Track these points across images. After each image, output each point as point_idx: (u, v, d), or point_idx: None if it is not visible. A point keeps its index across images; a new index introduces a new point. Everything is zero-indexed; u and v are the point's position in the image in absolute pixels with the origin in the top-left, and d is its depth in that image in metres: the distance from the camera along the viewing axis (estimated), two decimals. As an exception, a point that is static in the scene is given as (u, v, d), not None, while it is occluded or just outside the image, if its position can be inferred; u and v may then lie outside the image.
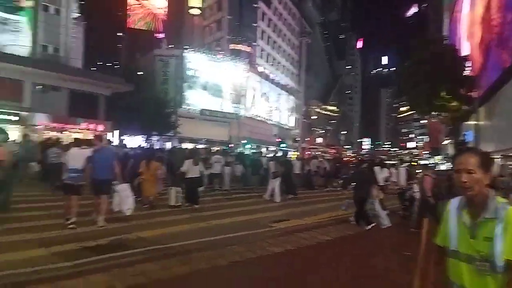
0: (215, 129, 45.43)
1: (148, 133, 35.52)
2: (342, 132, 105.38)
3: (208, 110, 45.20)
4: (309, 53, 73.73)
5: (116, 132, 33.08)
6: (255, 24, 54.73)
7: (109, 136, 26.28)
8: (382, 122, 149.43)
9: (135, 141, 36.14)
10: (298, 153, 46.81)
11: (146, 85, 36.49)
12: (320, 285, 4.73)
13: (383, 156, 76.81)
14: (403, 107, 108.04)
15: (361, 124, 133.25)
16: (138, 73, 39.60)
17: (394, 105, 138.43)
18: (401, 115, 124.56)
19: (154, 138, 37.24)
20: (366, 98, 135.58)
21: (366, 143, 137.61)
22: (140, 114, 32.33)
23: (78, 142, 8.02)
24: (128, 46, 64.36)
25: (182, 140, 40.70)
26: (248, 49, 53.54)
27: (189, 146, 35.92)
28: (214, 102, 46.24)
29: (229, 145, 41.63)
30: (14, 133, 23.36)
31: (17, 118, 24.48)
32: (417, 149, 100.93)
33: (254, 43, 54.77)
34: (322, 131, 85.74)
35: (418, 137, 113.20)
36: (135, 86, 31.03)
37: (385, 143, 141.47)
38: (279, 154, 20.94)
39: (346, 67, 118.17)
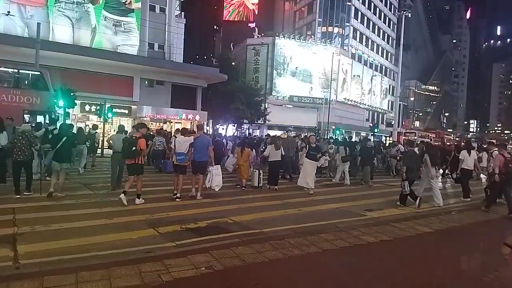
0: (304, 115, 45.26)
1: (239, 121, 36.96)
2: (445, 114, 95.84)
3: (297, 96, 45.14)
4: (409, 29, 68.04)
5: (211, 122, 35.18)
6: (348, 3, 52.45)
7: (205, 125, 28.20)
8: (494, 101, 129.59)
9: (228, 129, 38.08)
10: (391, 138, 44.13)
11: (238, 75, 37.90)
12: (419, 280, 4.52)
13: (492, 140, 68.09)
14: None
15: (468, 105, 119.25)
16: (232, 63, 41.29)
17: (510, 82, 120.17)
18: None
19: (245, 126, 38.59)
20: (475, 75, 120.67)
21: (473, 126, 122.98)
22: (232, 103, 33.75)
23: (183, 131, 9.80)
24: (223, 38, 67.30)
25: (271, 127, 41.50)
26: (339, 30, 51.72)
27: (278, 133, 36.59)
28: (303, 87, 45.96)
29: (318, 131, 41.15)
30: (126, 125, 26.61)
31: (127, 111, 27.64)
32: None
33: (347, 24, 52.67)
34: (420, 114, 79.22)
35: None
36: (229, 76, 32.40)
37: (498, 125, 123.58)
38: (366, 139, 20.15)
39: (453, 41, 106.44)
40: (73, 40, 27.14)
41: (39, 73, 17.03)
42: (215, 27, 76.84)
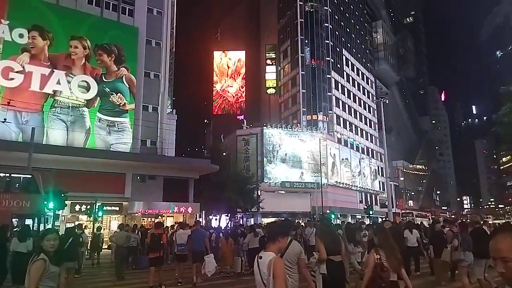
0: (297, 200, 45.19)
1: (232, 211, 36.59)
2: (437, 192, 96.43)
3: (289, 181, 45.58)
4: (389, 113, 72.20)
5: (203, 213, 34.75)
6: (329, 94, 56.24)
7: (197, 216, 27.84)
8: (482, 176, 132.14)
9: (221, 220, 37.46)
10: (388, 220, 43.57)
11: (230, 164, 38.59)
12: None
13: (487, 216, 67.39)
14: (504, 157, 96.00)
15: (458, 181, 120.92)
16: (223, 154, 42.34)
17: (494, 156, 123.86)
18: (504, 166, 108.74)
19: (238, 215, 38.09)
20: (459, 152, 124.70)
21: (466, 202, 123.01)
22: (224, 193, 33.78)
23: (182, 225, 11.95)
24: (213, 130, 70.06)
25: (265, 214, 41.01)
26: (324, 118, 54.51)
27: (272, 220, 35.91)
28: (294, 173, 46.65)
29: (313, 216, 40.66)
30: (115, 223, 26.13)
31: (117, 208, 27.37)
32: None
33: (330, 111, 55.75)
34: (412, 193, 79.63)
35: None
36: (220, 166, 32.99)
37: (491, 200, 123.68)
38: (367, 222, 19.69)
39: (432, 122, 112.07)
40: (67, 142, 27.98)
41: (30, 176, 17.25)
42: (205, 120, 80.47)
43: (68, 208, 23.16)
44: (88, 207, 23.91)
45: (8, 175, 17.17)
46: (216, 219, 39.04)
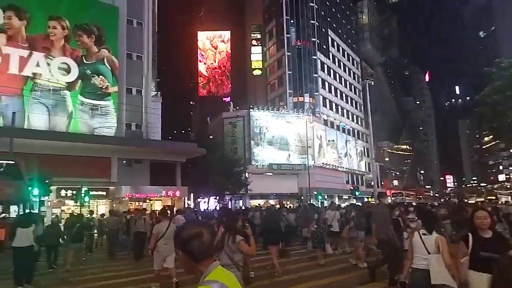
0: (285, 182, 45.53)
1: (220, 193, 36.66)
2: (421, 172, 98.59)
3: (276, 164, 45.79)
4: (374, 94, 72.62)
5: (192, 196, 34.70)
6: (315, 75, 56.04)
7: (185, 200, 27.74)
8: (465, 155, 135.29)
9: (209, 202, 37.55)
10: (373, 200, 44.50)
11: (217, 147, 38.44)
12: None
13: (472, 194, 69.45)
14: (486, 137, 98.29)
15: (441, 161, 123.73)
16: (210, 136, 42.08)
17: (477, 136, 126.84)
18: (486, 146, 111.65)
19: (227, 197, 38.22)
20: (442, 132, 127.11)
21: (449, 181, 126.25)
22: (212, 176, 33.73)
23: (178, 211, 14.18)
24: (199, 113, 69.37)
25: (253, 196, 41.26)
26: (310, 100, 54.49)
27: (260, 202, 36.19)
28: (281, 155, 46.84)
29: (301, 197, 41.15)
30: (103, 207, 25.86)
31: (104, 193, 27.04)
32: (510, 182, 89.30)
33: (316, 93, 55.71)
34: (397, 173, 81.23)
35: (509, 169, 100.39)
36: (207, 149, 32.81)
37: (473, 179, 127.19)
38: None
39: (416, 102, 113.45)
40: (49, 126, 27.23)
41: (13, 162, 16.75)
42: (191, 102, 79.53)
43: (53, 194, 22.72)
44: (75, 192, 23.50)
45: (-11, 161, 16.63)
46: (204, 202, 39.07)
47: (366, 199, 52.10)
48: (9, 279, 8.64)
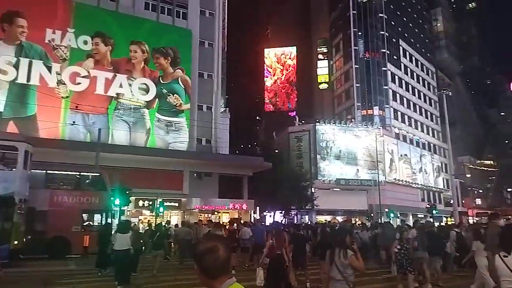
0: (353, 198, 43.83)
1: (286, 208, 36.45)
2: (507, 190, 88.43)
3: (344, 179, 44.43)
4: (452, 106, 67.49)
5: (258, 209, 34.98)
6: (385, 87, 53.91)
7: (251, 213, 28.05)
8: None
9: (275, 217, 37.50)
10: (453, 219, 40.85)
11: (282, 161, 38.49)
12: None
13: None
14: None
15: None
16: (275, 151, 42.33)
17: None
18: None
19: (293, 212, 37.88)
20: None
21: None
22: (278, 190, 33.73)
23: (245, 223, 15.31)
24: (265, 127, 70.32)
25: (320, 212, 40.36)
26: (380, 112, 52.39)
27: (327, 218, 35.26)
28: (349, 170, 45.36)
29: (371, 215, 39.29)
30: (175, 218, 27.17)
31: (177, 204, 28.43)
32: None
33: (386, 106, 53.45)
34: (480, 191, 73.87)
35: None
36: (273, 163, 33.00)
37: None
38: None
39: (501, 114, 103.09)
40: (129, 142, 29.61)
41: (98, 174, 18.44)
42: (257, 117, 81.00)
43: (132, 204, 24.47)
44: (150, 203, 25.06)
45: (78, 173, 18.51)
46: (270, 216, 39.13)
47: (444, 219, 48.09)
48: (96, 281, 9.42)
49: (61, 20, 28.81)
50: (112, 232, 11.20)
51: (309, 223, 30.76)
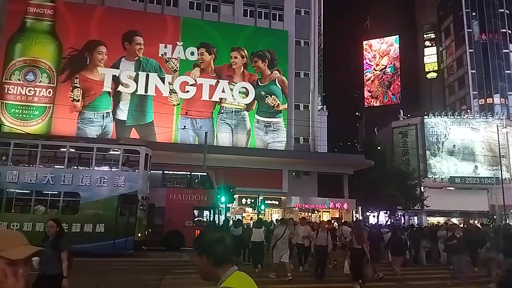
0: (471, 198, 39.21)
1: (391, 208, 34.47)
2: None
3: (459, 177, 40.11)
4: None
5: (359, 209, 33.84)
6: (507, 71, 47.08)
7: (353, 212, 27.26)
8: None
9: (379, 217, 35.79)
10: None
11: (386, 159, 36.51)
12: None
13: None
14: None
15: None
16: (378, 148, 40.36)
17: None
18: None
19: (399, 212, 35.64)
20: None
21: None
22: (382, 189, 32.07)
23: (345, 222, 15.80)
24: (366, 124, 67.45)
25: (430, 213, 37.22)
26: (501, 101, 45.92)
27: (440, 220, 32.51)
28: (466, 167, 40.84)
29: (493, 216, 34.73)
30: (276, 216, 27.94)
31: (277, 202, 29.22)
32: None
33: (509, 93, 46.63)
34: None
35: None
36: (375, 161, 31.56)
37: None
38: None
39: None
40: (232, 143, 31.50)
41: (206, 174, 20.09)
42: (357, 113, 78.07)
43: (236, 201, 26.00)
44: (252, 201, 26.29)
45: (189, 173, 20.44)
46: (373, 216, 37.51)
47: None
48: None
49: (171, 35, 32.09)
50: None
51: (417, 224, 28.55)
